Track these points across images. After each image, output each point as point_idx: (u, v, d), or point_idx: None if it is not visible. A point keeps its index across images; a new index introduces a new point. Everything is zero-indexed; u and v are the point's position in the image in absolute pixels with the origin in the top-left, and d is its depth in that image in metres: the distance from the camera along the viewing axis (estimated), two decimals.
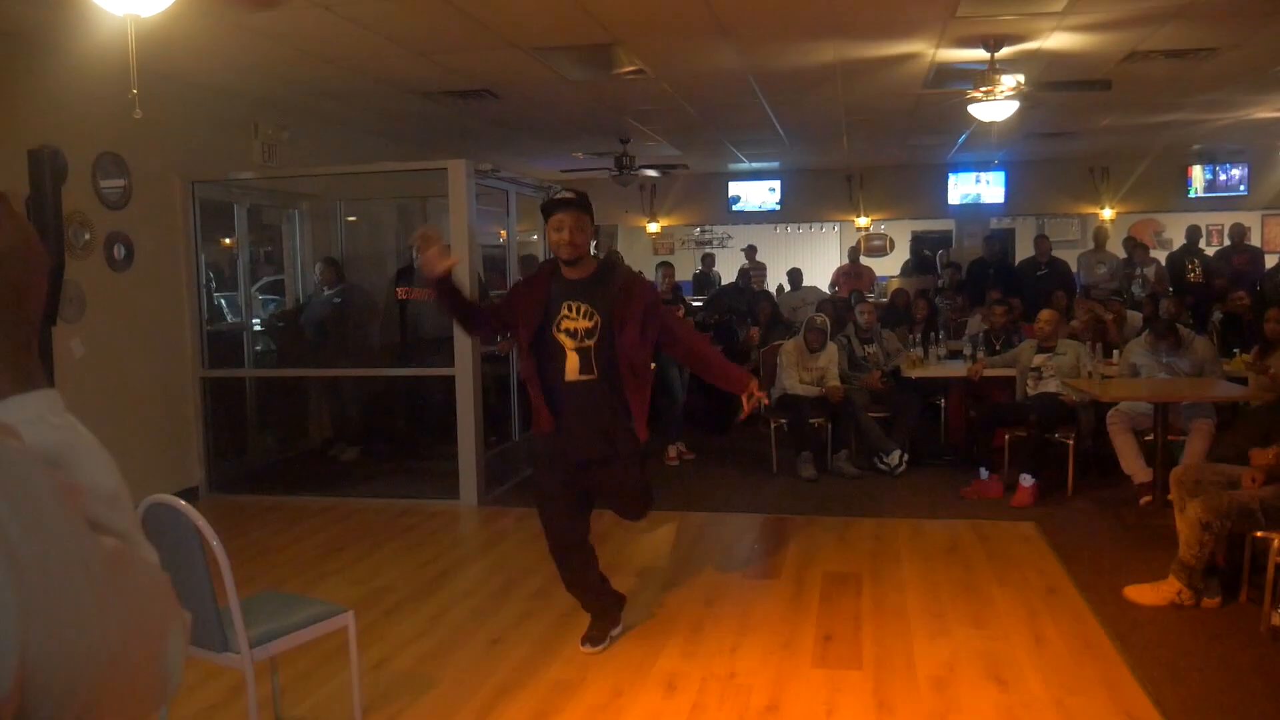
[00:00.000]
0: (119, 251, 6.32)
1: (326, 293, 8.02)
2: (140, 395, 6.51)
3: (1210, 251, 12.03)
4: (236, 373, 7.60)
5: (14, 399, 0.81)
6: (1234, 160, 13.19)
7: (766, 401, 4.72)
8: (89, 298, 6.02)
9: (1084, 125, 10.33)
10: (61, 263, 5.33)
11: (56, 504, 0.73)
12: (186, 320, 6.99)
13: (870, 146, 11.86)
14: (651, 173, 12.04)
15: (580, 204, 3.92)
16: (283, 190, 8.29)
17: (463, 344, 6.56)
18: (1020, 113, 7.28)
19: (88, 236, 6.04)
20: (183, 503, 2.92)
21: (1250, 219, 13.37)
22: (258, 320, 8.21)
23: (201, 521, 2.86)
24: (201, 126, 7.14)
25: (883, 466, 7.27)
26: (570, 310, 3.88)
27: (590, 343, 3.87)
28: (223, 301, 8.41)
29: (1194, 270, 10.91)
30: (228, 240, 7.93)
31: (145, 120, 4.72)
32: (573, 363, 3.87)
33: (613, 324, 3.87)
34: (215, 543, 2.87)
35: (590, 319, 3.88)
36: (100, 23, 4.51)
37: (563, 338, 3.88)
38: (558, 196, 3.95)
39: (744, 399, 4.03)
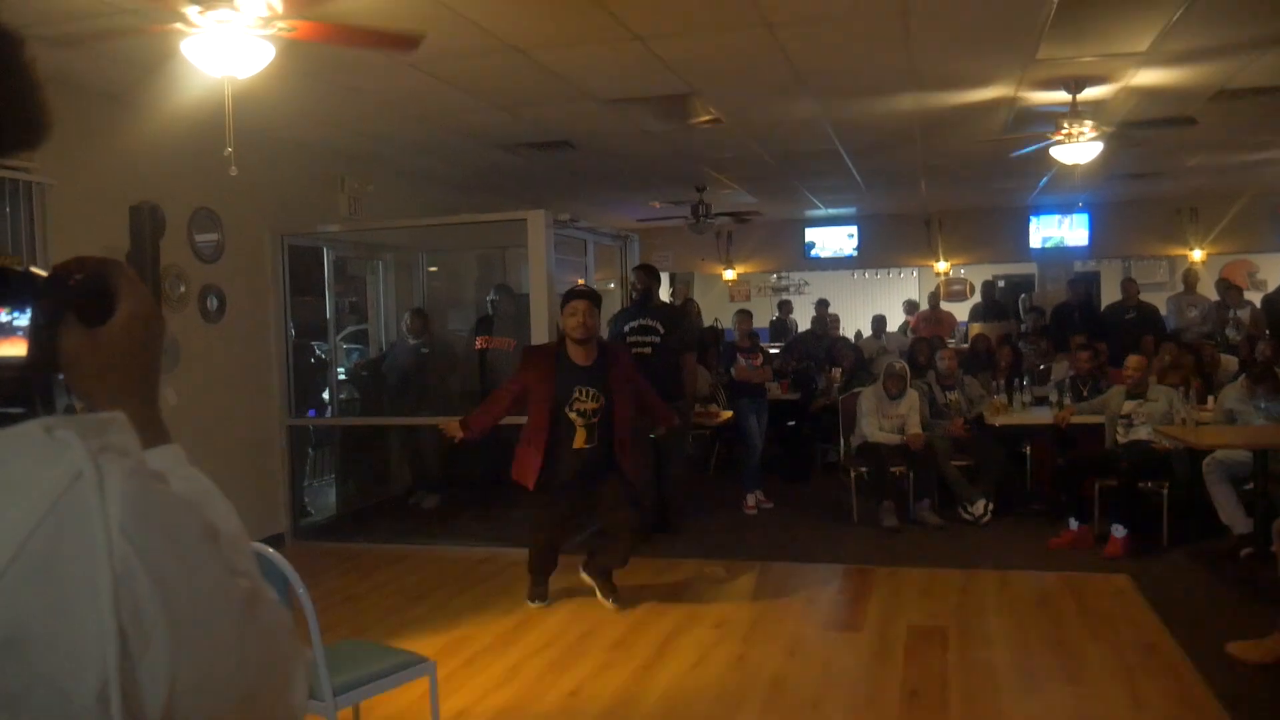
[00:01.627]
0: (212, 303, 6.52)
1: (413, 342, 8.17)
2: (230, 442, 6.67)
3: None
4: (323, 421, 7.76)
5: (145, 453, 0.85)
6: None
7: (675, 423, 6.03)
8: (183, 348, 6.21)
9: (1171, 165, 10.09)
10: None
11: (204, 544, 0.78)
12: (275, 369, 7.17)
13: (949, 190, 11.74)
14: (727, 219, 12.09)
15: (592, 296, 5.18)
16: (367, 242, 8.50)
17: None
18: (1104, 154, 7.14)
19: (183, 289, 6.25)
20: (271, 550, 2.97)
21: None
22: (342, 369, 8.38)
23: (289, 569, 2.91)
24: (291, 181, 7.37)
25: (967, 516, 7.11)
26: (582, 394, 4.96)
27: (596, 420, 4.98)
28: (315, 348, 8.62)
29: None
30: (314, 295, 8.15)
31: (238, 176, 4.90)
32: (580, 436, 4.97)
33: (613, 403, 5.03)
34: (301, 590, 2.91)
35: (597, 400, 4.98)
36: (197, 83, 4.70)
37: (574, 416, 4.97)
38: (576, 290, 5.25)
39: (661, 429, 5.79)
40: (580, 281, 5.39)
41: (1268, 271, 14.17)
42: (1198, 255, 13.05)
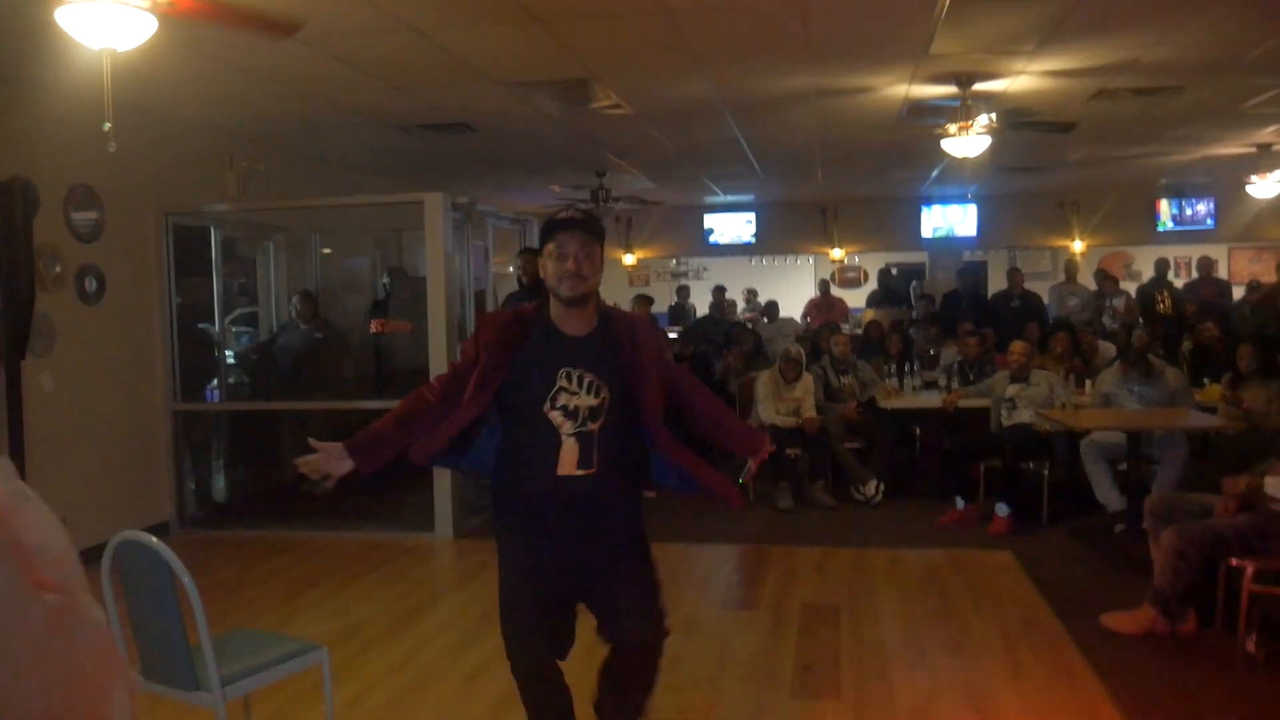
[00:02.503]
0: (90, 284, 6.26)
1: (303, 327, 7.97)
2: (111, 429, 6.43)
3: (1179, 284, 12.21)
4: (209, 406, 7.52)
5: None
6: (1200, 194, 13.42)
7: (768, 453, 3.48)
8: (59, 331, 5.95)
9: (1055, 160, 10.48)
10: (32, 296, 5.28)
11: None
12: (159, 353, 6.92)
13: (844, 180, 11.98)
14: (627, 205, 12.11)
15: (590, 228, 2.88)
16: (258, 223, 8.26)
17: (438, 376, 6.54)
18: (992, 147, 7.37)
19: (59, 269, 5.98)
20: (154, 539, 2.88)
21: (1217, 251, 13.57)
22: (231, 353, 8.13)
23: (172, 557, 2.82)
24: (176, 159, 7.12)
25: (859, 497, 7.29)
26: (570, 381, 2.81)
27: (594, 426, 2.82)
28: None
29: (1163, 302, 11.06)
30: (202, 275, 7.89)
31: (119, 152, 4.70)
32: (569, 452, 2.82)
33: (627, 399, 2.87)
34: (186, 579, 2.82)
35: (597, 394, 2.82)
36: (75, 56, 4.49)
37: (557, 417, 2.80)
38: (563, 215, 2.94)
39: (753, 463, 3.43)
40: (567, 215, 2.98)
41: (1142, 263, 14.82)
42: (1078, 246, 13.59)
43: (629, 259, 15.06)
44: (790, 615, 4.91)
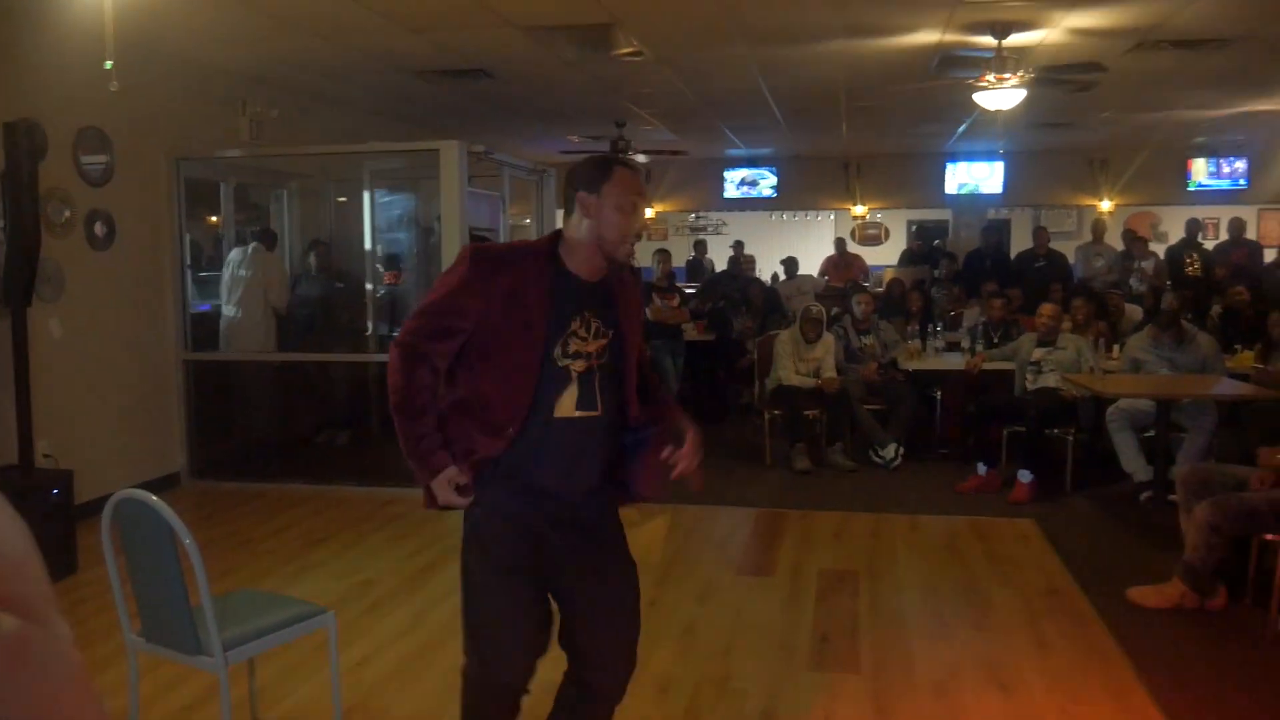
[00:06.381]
0: (100, 229, 6.14)
1: (322, 277, 7.85)
2: (121, 378, 6.34)
3: (1207, 245, 11.92)
4: (221, 355, 7.42)
5: None
6: (1235, 153, 13.07)
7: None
8: (68, 277, 5.85)
9: (1086, 116, 10.19)
10: (38, 240, 5.16)
11: None
12: (170, 301, 6.82)
13: (870, 134, 11.71)
14: (644, 158, 11.89)
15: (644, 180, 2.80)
16: (271, 169, 8.11)
17: None
18: (1024, 101, 7.13)
19: (67, 214, 5.86)
20: (154, 497, 2.78)
21: (1246, 213, 13.26)
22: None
23: (173, 517, 2.72)
24: (188, 103, 6.96)
25: (878, 460, 7.16)
26: (581, 327, 2.51)
27: (597, 365, 2.53)
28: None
29: (1193, 264, 10.80)
30: (214, 219, 7.75)
31: (130, 96, 4.57)
32: (571, 394, 2.51)
33: (624, 342, 2.58)
34: (188, 540, 2.73)
35: (602, 337, 2.53)
36: None
37: (570, 363, 2.50)
38: (619, 156, 2.80)
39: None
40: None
41: (1169, 224, 14.51)
42: (1106, 205, 13.29)
43: (647, 212, 14.86)
44: (808, 582, 4.81)
